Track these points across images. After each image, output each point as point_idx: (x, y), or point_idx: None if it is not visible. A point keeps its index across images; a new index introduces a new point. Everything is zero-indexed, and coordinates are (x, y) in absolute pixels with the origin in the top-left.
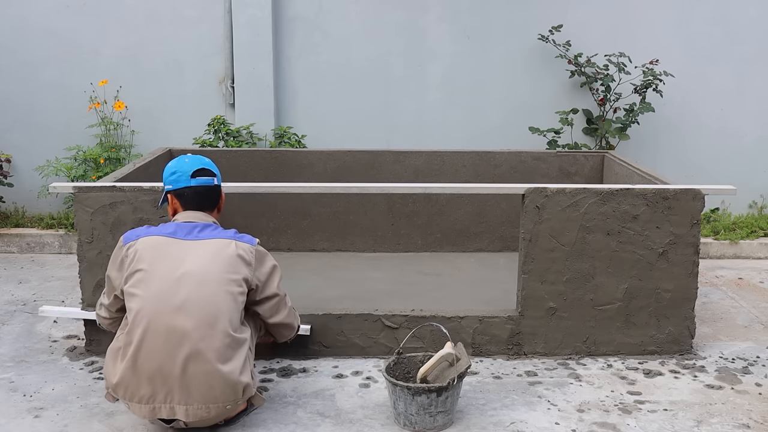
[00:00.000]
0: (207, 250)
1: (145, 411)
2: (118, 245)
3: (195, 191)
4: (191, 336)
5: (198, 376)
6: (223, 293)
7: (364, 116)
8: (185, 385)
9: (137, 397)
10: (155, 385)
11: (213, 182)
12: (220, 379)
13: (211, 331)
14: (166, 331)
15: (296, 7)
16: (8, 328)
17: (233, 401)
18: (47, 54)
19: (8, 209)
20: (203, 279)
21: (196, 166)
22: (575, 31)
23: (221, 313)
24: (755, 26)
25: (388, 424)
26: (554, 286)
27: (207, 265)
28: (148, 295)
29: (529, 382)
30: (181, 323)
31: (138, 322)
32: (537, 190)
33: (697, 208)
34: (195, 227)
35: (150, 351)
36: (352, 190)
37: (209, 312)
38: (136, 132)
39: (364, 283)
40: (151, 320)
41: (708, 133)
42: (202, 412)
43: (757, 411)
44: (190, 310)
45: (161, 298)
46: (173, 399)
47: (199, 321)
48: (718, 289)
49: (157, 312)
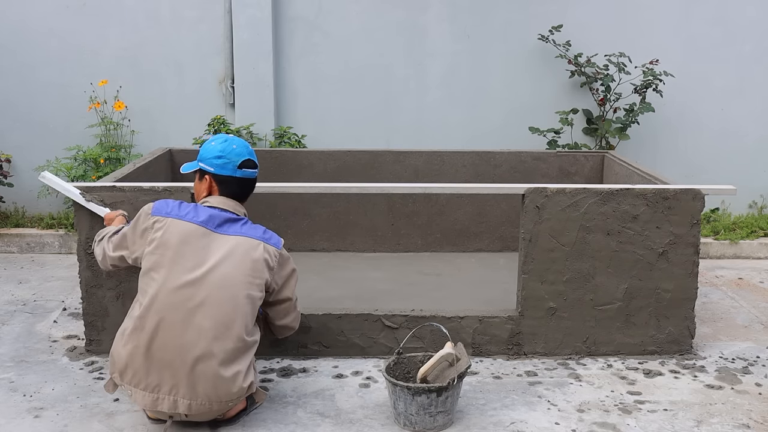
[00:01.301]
0: (235, 249)
1: (147, 400)
2: (145, 211)
3: (239, 182)
4: (207, 335)
5: (205, 375)
6: (243, 297)
7: (364, 116)
8: (192, 383)
9: (144, 383)
10: (163, 377)
11: (256, 175)
12: (226, 381)
13: (226, 332)
14: (182, 326)
15: (296, 7)
16: (8, 328)
17: (236, 400)
18: (47, 54)
19: (8, 209)
20: (226, 281)
21: (244, 155)
22: (575, 31)
23: (239, 317)
24: (755, 26)
25: (388, 424)
26: (554, 286)
27: (232, 266)
28: (167, 284)
29: (529, 382)
30: (198, 321)
31: (154, 310)
32: (537, 190)
33: (697, 208)
34: (227, 219)
35: (164, 342)
36: (352, 190)
37: (228, 314)
38: (136, 132)
39: (364, 283)
40: (169, 312)
41: (708, 133)
42: (204, 408)
43: (757, 411)
44: (210, 310)
45: (182, 293)
46: (178, 392)
47: (216, 322)
48: (718, 289)
49: (176, 306)
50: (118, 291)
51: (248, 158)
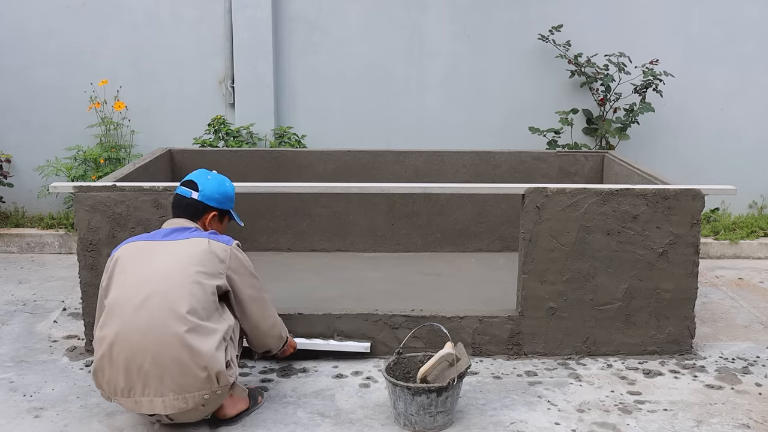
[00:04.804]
0: (180, 247)
1: (130, 405)
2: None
3: (173, 200)
4: (159, 321)
5: (167, 360)
6: (189, 283)
7: (364, 116)
8: (159, 375)
9: (119, 390)
10: (131, 378)
11: (189, 194)
12: (189, 359)
13: (174, 318)
14: (134, 321)
15: (296, 7)
16: (8, 328)
17: (209, 389)
18: (47, 54)
19: (8, 209)
20: (168, 273)
21: (188, 177)
22: (575, 31)
23: (184, 298)
24: (755, 26)
25: (388, 424)
26: (554, 286)
27: (175, 261)
28: (118, 293)
29: (529, 382)
30: (148, 312)
31: (110, 317)
32: (537, 190)
33: (697, 208)
34: (174, 230)
35: (122, 343)
36: (352, 190)
37: (174, 300)
38: (136, 132)
39: (364, 283)
40: (122, 316)
41: (708, 133)
42: (179, 403)
43: (757, 411)
44: (156, 299)
45: (129, 294)
46: (150, 392)
47: (164, 308)
48: (718, 289)
49: (126, 308)
50: None
51: (188, 179)
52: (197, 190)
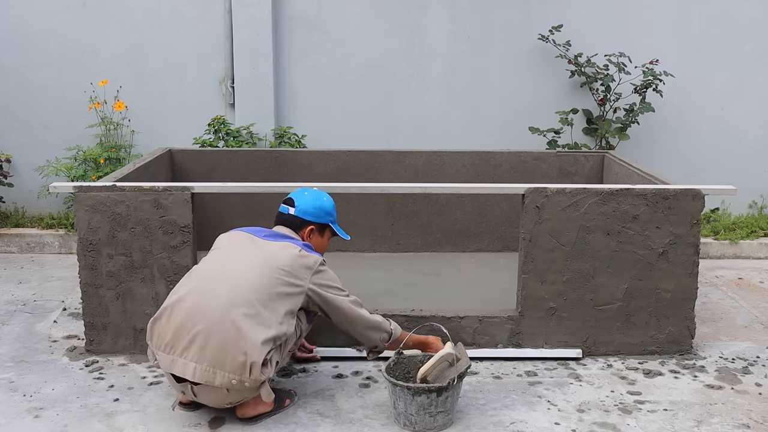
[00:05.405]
0: (272, 246)
1: (167, 362)
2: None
3: (275, 217)
4: (222, 298)
5: (216, 333)
6: (268, 278)
7: (364, 116)
8: (203, 344)
9: (163, 343)
10: (179, 336)
11: (287, 211)
12: (235, 339)
13: (240, 299)
14: (204, 290)
15: (296, 7)
16: (8, 328)
17: (239, 376)
18: (47, 54)
19: (8, 209)
20: (253, 262)
21: (288, 195)
22: (575, 31)
23: (256, 288)
24: (756, 26)
25: (388, 424)
26: (554, 286)
27: (264, 256)
28: (205, 263)
29: (529, 382)
30: (218, 287)
31: (189, 279)
32: (537, 190)
33: (697, 208)
34: (276, 233)
35: (187, 301)
36: (352, 190)
37: (246, 285)
38: (136, 132)
39: (364, 283)
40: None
41: (708, 133)
42: (208, 376)
43: (757, 411)
44: (229, 279)
45: (211, 268)
46: (189, 355)
47: (232, 288)
48: (718, 289)
49: (203, 276)
50: (117, 291)
51: (289, 197)
52: (293, 206)
